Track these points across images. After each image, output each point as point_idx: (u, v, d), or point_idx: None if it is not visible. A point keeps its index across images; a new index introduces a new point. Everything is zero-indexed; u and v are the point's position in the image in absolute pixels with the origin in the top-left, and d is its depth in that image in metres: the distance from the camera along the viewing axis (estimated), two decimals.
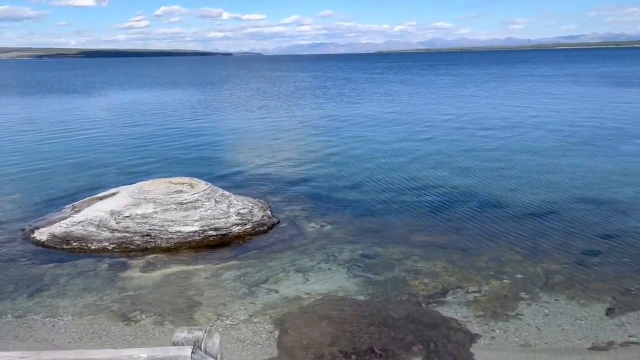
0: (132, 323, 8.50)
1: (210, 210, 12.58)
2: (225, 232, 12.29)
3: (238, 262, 10.91)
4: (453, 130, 27.77)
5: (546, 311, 8.64)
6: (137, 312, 8.84)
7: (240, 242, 12.13)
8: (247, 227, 12.58)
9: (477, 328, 8.18)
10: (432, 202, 14.88)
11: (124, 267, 10.77)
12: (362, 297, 9.28)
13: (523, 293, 9.28)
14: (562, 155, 20.76)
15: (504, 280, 9.79)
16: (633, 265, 10.28)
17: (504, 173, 18.06)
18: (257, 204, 13.68)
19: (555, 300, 9.01)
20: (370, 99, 47.54)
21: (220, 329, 8.19)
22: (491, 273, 10.11)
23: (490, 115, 34.07)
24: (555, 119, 31.28)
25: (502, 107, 38.58)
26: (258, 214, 13.09)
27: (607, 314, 8.50)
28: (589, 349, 7.58)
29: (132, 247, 11.64)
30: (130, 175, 18.15)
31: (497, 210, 14.00)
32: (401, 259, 10.92)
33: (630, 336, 7.85)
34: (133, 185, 13.71)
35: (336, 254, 11.21)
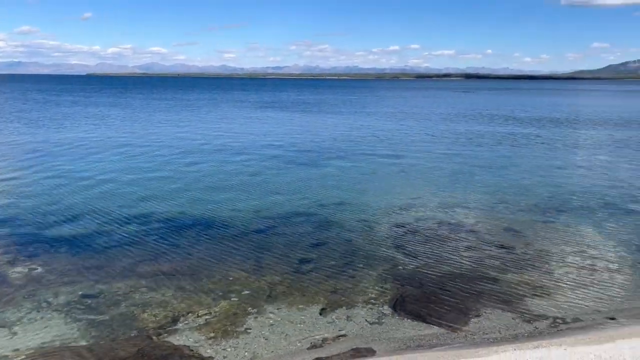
0: None
1: None
2: None
3: None
4: (171, 156, 27.75)
5: (271, 321, 9.32)
6: None
7: None
8: None
9: (209, 350, 8.30)
10: (158, 229, 14.53)
11: None
12: (84, 342, 8.45)
13: (250, 308, 9.82)
14: (273, 174, 22.76)
15: (233, 299, 10.19)
16: (337, 268, 11.92)
17: (225, 195, 18.85)
18: None
19: (278, 309, 9.80)
20: (78, 123, 44.07)
21: None
22: (220, 293, 10.41)
23: (206, 139, 35.15)
24: (263, 141, 34.16)
25: (216, 131, 40.31)
26: None
27: (320, 314, 9.64)
28: (308, 348, 8.46)
29: None
30: None
31: (223, 231, 14.50)
32: (128, 292, 10.36)
33: (340, 330, 9.07)
34: None
35: (50, 300, 9.96)
